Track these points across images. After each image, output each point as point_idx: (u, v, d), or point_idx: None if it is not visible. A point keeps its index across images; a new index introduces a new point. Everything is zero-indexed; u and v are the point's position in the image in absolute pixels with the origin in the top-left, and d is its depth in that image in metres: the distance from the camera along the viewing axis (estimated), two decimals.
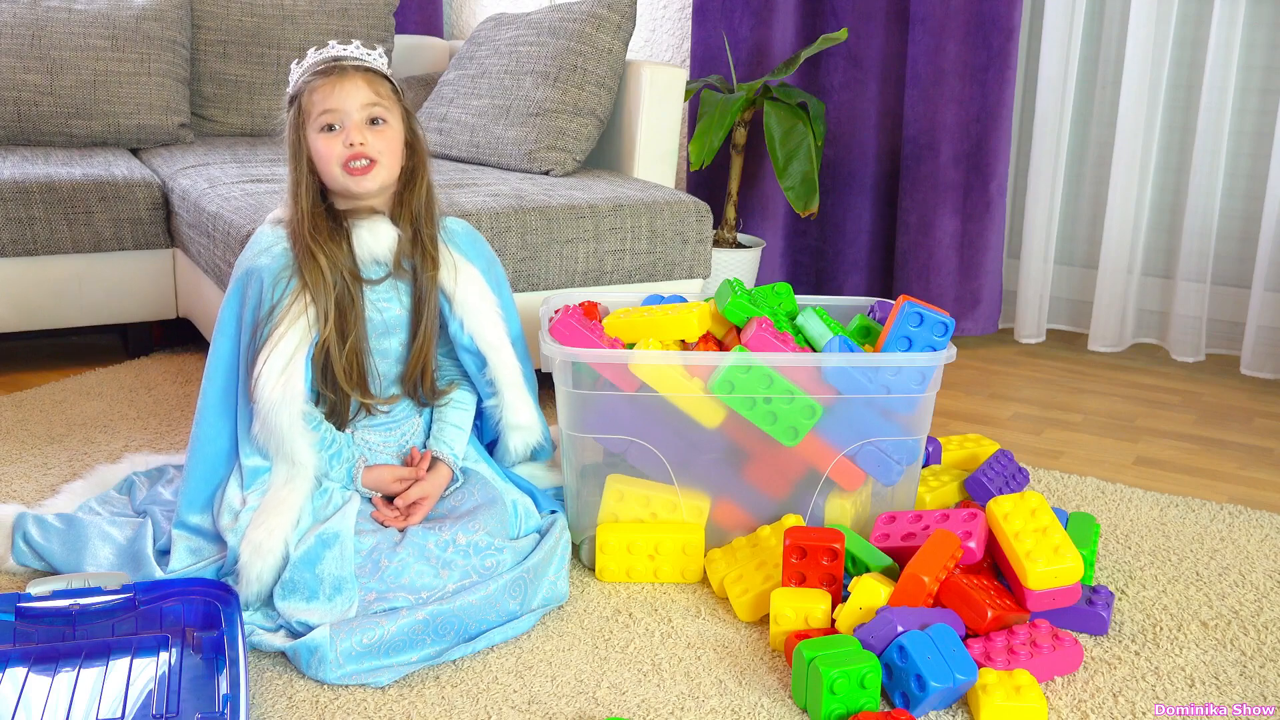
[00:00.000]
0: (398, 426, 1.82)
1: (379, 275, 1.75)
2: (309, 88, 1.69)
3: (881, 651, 1.48)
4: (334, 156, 1.67)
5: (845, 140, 3.26)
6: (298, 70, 1.73)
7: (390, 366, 1.80)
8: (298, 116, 1.70)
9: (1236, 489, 2.22)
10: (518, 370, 1.85)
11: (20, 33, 2.94)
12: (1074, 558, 1.58)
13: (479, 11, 3.96)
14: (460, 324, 1.81)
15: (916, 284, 3.14)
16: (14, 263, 2.55)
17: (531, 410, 1.88)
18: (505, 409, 1.84)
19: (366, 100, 1.68)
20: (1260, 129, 2.96)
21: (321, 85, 1.68)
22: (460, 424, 1.84)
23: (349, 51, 1.73)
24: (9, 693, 1.41)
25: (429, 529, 1.67)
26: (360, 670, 1.50)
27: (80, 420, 2.34)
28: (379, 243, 1.73)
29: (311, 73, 1.70)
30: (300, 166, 1.70)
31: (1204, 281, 2.96)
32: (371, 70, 1.71)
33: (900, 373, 1.76)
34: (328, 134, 1.68)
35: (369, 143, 1.68)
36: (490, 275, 1.86)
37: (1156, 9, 2.91)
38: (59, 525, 1.74)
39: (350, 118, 1.67)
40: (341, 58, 1.71)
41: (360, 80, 1.68)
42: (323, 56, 1.72)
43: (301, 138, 1.69)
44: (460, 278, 1.80)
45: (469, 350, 1.83)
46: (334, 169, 1.68)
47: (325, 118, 1.67)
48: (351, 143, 1.67)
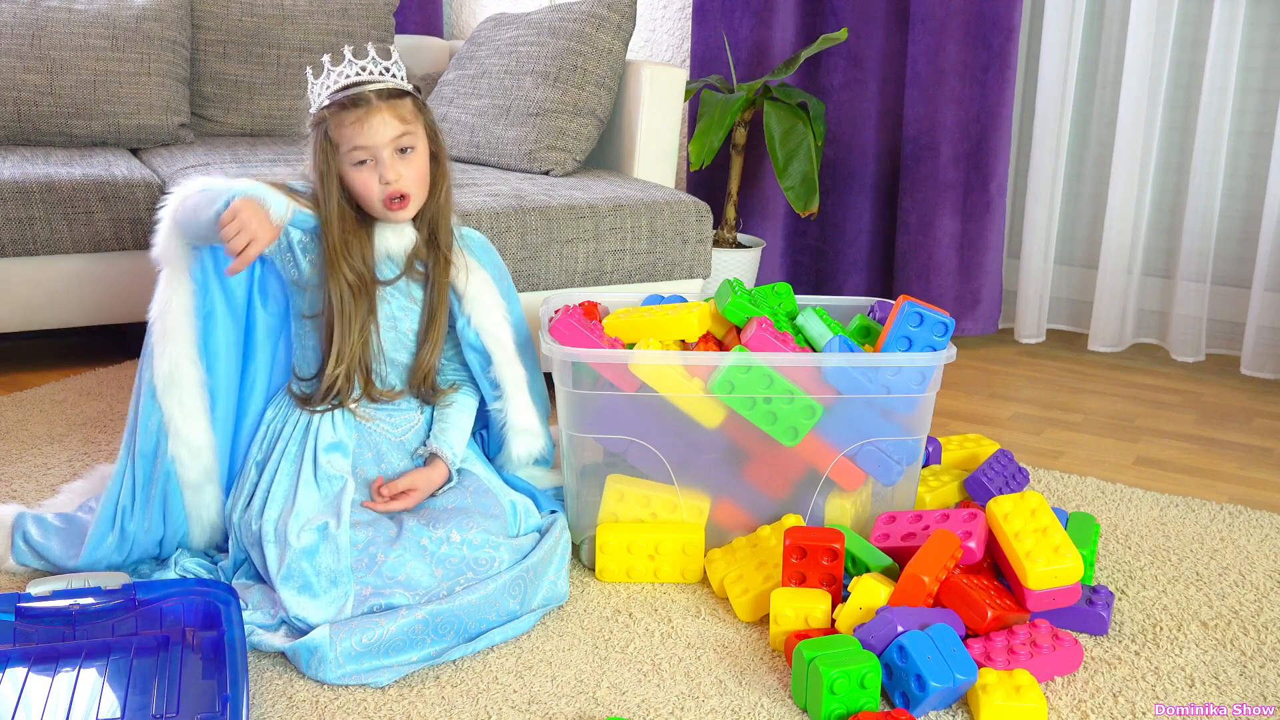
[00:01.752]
0: (399, 414, 1.82)
1: (392, 275, 1.78)
2: (336, 120, 1.70)
3: (881, 651, 1.48)
4: (373, 192, 1.72)
5: (845, 140, 3.26)
6: (317, 87, 1.73)
7: (395, 361, 1.80)
8: (325, 144, 1.71)
9: (1236, 489, 2.22)
10: (523, 372, 1.86)
11: (20, 33, 2.95)
12: (1074, 558, 1.58)
13: (479, 11, 3.96)
14: (468, 320, 1.82)
15: (916, 284, 3.14)
16: (14, 263, 2.56)
17: (535, 415, 1.87)
18: (509, 411, 1.84)
19: (395, 134, 1.70)
20: (1260, 129, 2.96)
21: (350, 122, 1.69)
22: (462, 425, 1.84)
23: (368, 72, 1.72)
24: (9, 693, 1.41)
25: (424, 525, 1.67)
26: (360, 670, 1.50)
27: (80, 420, 2.34)
28: (399, 241, 1.78)
29: (336, 104, 1.70)
30: (331, 190, 1.73)
31: (1204, 281, 2.96)
32: (394, 93, 1.72)
33: (900, 373, 1.76)
34: (361, 168, 1.71)
35: (403, 177, 1.71)
36: (501, 285, 1.88)
37: (1156, 9, 2.91)
38: (59, 525, 1.74)
39: (382, 154, 1.70)
40: (363, 83, 1.71)
41: (387, 113, 1.70)
42: (345, 82, 1.71)
43: (331, 164, 1.72)
44: (472, 278, 1.83)
45: (475, 348, 1.83)
46: (375, 204, 1.73)
47: (357, 154, 1.70)
48: (388, 180, 1.70)
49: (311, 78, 1.74)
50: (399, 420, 1.81)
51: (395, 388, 1.81)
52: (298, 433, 1.74)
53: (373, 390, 1.78)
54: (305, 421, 1.75)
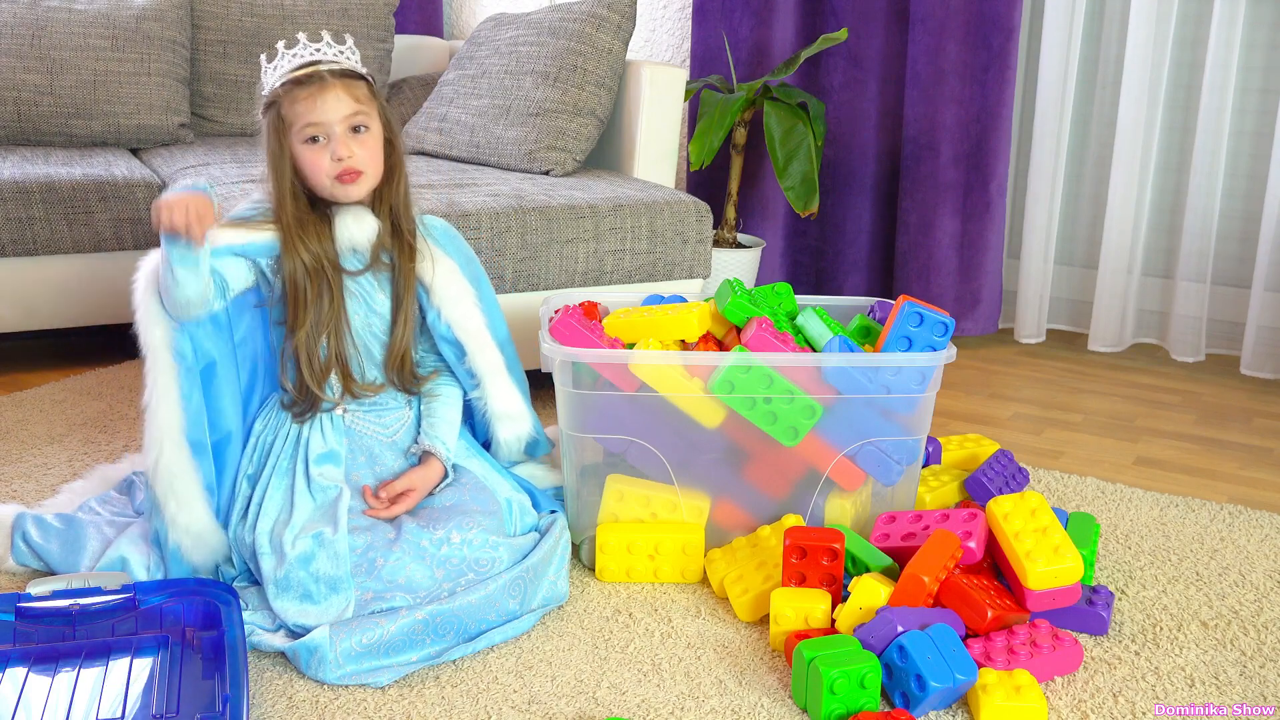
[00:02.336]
0: (387, 412, 1.81)
1: (358, 267, 1.77)
2: (289, 97, 1.70)
3: (881, 651, 1.48)
4: (322, 169, 1.71)
5: (845, 140, 3.26)
6: (270, 70, 1.74)
7: (372, 354, 1.80)
8: (278, 122, 1.71)
9: (1236, 489, 2.22)
10: (498, 357, 1.85)
11: (20, 33, 2.95)
12: (1074, 558, 1.58)
13: (479, 11, 3.96)
14: (438, 313, 1.82)
15: (916, 284, 3.14)
16: (14, 263, 2.56)
17: (516, 398, 1.87)
18: (489, 398, 1.84)
19: (348, 111, 1.70)
20: (1260, 129, 2.96)
21: (303, 97, 1.69)
22: (450, 419, 1.83)
23: (322, 54, 1.73)
24: (9, 693, 1.41)
25: (422, 527, 1.66)
26: (360, 670, 1.50)
27: (80, 420, 2.34)
28: (362, 231, 1.76)
29: (290, 82, 1.71)
30: (283, 171, 1.72)
31: (1204, 281, 2.96)
32: (348, 73, 1.72)
33: (900, 373, 1.76)
34: (313, 145, 1.71)
35: (355, 155, 1.71)
36: (468, 271, 1.87)
37: (1156, 9, 2.91)
38: (58, 525, 1.74)
39: (334, 129, 1.70)
40: (316, 62, 1.72)
41: (340, 90, 1.70)
42: (299, 62, 1.72)
43: (284, 145, 1.71)
44: (438, 269, 1.82)
45: (447, 340, 1.83)
46: (323, 180, 1.72)
47: (309, 130, 1.70)
48: (340, 157, 1.70)
49: (265, 62, 1.75)
50: (388, 420, 1.81)
51: (376, 380, 1.81)
52: (288, 446, 1.74)
53: (353, 386, 1.78)
54: (295, 433, 1.75)
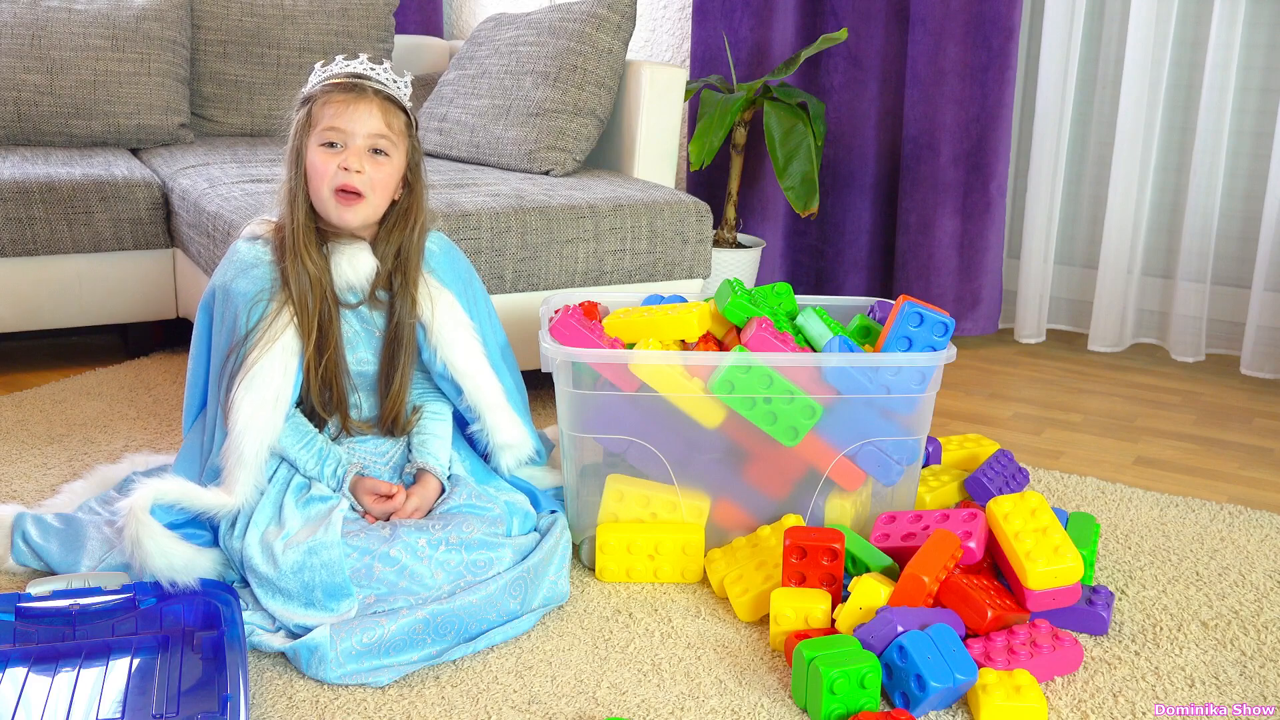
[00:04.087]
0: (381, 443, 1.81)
1: (354, 300, 1.76)
2: (324, 98, 1.68)
3: (881, 651, 1.48)
4: (326, 175, 1.67)
5: (845, 140, 3.26)
6: (319, 71, 1.72)
7: (365, 391, 1.80)
8: (305, 121, 1.69)
9: (1236, 489, 2.22)
10: (497, 390, 1.83)
11: (20, 33, 2.95)
12: (1074, 558, 1.58)
13: (479, 11, 3.96)
14: (434, 353, 1.79)
15: (916, 284, 3.14)
16: (14, 263, 2.56)
17: (518, 427, 1.86)
18: (490, 432, 1.83)
19: (375, 130, 1.67)
20: (1260, 129, 2.96)
21: (337, 100, 1.67)
22: (440, 433, 1.82)
23: (375, 73, 1.71)
24: (9, 693, 1.41)
25: (419, 529, 1.65)
26: (360, 670, 1.50)
27: (80, 420, 2.34)
28: (356, 273, 1.73)
29: (331, 83, 1.69)
30: (298, 174, 1.70)
31: (1204, 281, 2.96)
32: (391, 99, 1.70)
33: (900, 373, 1.76)
34: (327, 150, 1.68)
35: (365, 173, 1.67)
36: (467, 295, 1.85)
37: (1156, 9, 2.91)
38: (58, 525, 1.74)
39: (354, 140, 1.67)
40: (365, 76, 1.70)
41: (376, 107, 1.67)
42: (348, 69, 1.70)
43: (303, 144, 1.69)
44: (437, 308, 1.78)
45: (445, 378, 1.81)
46: (323, 189, 1.68)
47: (329, 134, 1.67)
48: (346, 166, 1.66)
49: (319, 67, 1.73)
50: (383, 447, 1.81)
51: (370, 420, 1.80)
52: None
53: (350, 424, 1.77)
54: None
